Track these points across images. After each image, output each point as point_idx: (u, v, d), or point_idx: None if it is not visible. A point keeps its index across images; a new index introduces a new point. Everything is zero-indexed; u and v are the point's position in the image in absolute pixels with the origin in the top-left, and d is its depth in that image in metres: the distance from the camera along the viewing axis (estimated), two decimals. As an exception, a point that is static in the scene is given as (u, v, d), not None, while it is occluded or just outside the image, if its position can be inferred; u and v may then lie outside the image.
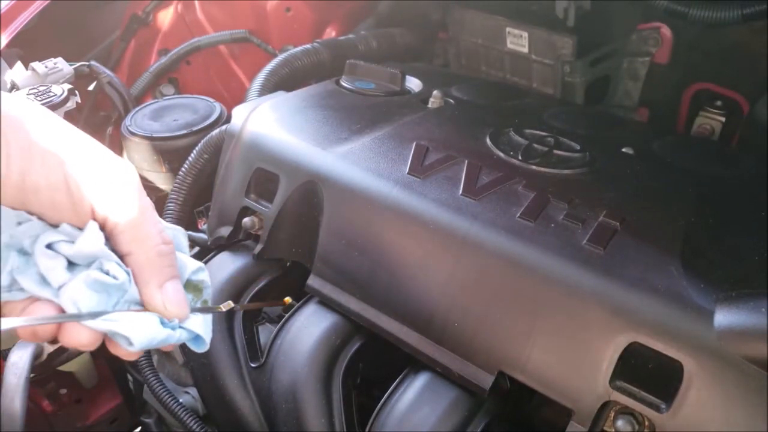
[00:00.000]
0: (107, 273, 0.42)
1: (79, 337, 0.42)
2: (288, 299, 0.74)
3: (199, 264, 0.49)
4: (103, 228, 0.43)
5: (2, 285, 0.41)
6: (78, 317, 0.41)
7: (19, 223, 0.41)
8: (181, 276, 0.47)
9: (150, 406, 0.91)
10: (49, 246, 0.41)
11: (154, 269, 0.44)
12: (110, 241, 0.43)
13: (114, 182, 0.43)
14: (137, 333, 0.42)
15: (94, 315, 0.41)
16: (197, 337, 0.47)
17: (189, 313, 0.46)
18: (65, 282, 0.41)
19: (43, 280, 0.42)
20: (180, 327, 0.45)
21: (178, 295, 0.45)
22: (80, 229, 0.42)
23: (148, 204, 0.45)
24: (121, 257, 0.43)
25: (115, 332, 0.42)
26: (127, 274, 0.43)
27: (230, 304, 0.53)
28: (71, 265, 0.42)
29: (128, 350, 0.43)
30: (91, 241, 0.41)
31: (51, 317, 0.41)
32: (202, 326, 0.47)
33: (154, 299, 0.44)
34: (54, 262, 0.41)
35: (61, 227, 0.42)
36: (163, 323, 0.44)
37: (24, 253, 0.42)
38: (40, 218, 0.42)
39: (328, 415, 0.65)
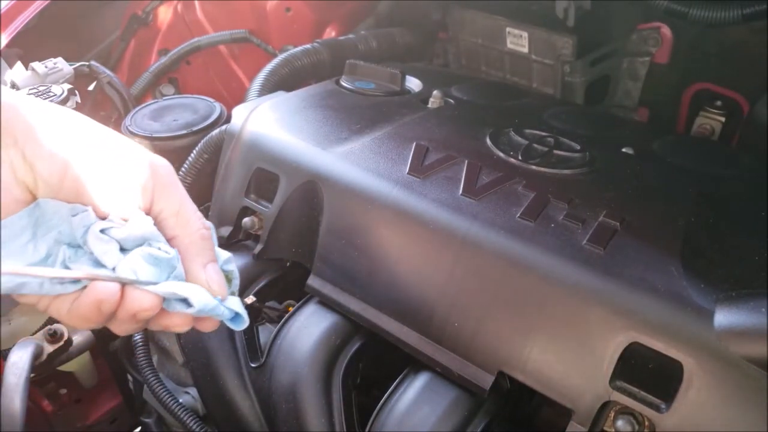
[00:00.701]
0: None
1: (141, 302, 0.43)
2: (290, 309, 0.75)
3: (228, 254, 0.51)
4: (148, 215, 0.46)
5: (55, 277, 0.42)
6: (139, 282, 0.43)
7: (74, 215, 0.43)
8: None
9: (150, 406, 0.91)
10: (101, 231, 0.44)
11: (198, 250, 0.47)
12: (155, 227, 0.46)
13: (157, 173, 0.46)
14: (196, 295, 0.45)
15: (152, 283, 0.44)
16: (236, 317, 0.50)
17: (227, 294, 0.49)
18: (118, 263, 0.44)
19: (98, 264, 0.44)
20: (222, 305, 0.48)
21: (219, 275, 0.48)
22: (125, 220, 0.45)
23: (186, 193, 0.48)
24: (167, 241, 0.46)
25: (177, 294, 0.44)
26: (175, 252, 0.46)
27: (253, 298, 0.55)
28: (122, 250, 0.45)
29: (186, 312, 0.46)
30: (142, 223, 0.44)
31: (115, 277, 0.43)
32: (239, 307, 0.50)
33: (199, 277, 0.47)
34: (108, 246, 0.43)
35: (110, 217, 0.44)
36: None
37: (73, 245, 0.44)
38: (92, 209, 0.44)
39: (328, 415, 0.65)
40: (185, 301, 0.45)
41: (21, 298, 0.44)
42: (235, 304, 0.50)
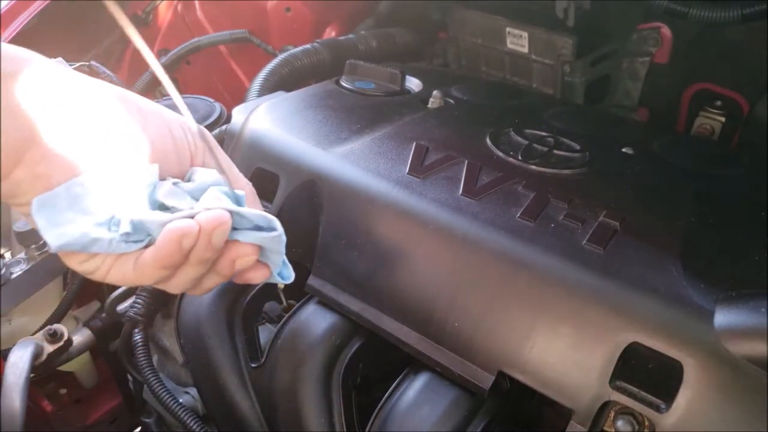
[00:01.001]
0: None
1: (218, 217, 0.45)
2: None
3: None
4: None
5: (122, 233, 0.44)
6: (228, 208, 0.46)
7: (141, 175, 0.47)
8: None
9: (150, 406, 0.91)
10: (173, 184, 0.48)
11: (251, 202, 0.53)
12: None
13: (204, 136, 0.51)
14: (275, 221, 0.48)
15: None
16: (282, 272, 0.54)
17: None
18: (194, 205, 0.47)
19: (175, 210, 0.46)
20: None
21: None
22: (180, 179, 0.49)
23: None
24: None
25: (262, 215, 0.48)
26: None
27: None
28: (192, 199, 0.48)
29: (267, 236, 0.48)
30: (209, 173, 0.49)
31: (194, 212, 0.46)
32: (286, 260, 0.54)
33: None
34: (180, 197, 0.47)
35: (169, 177, 0.49)
36: None
37: (136, 205, 0.46)
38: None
39: (328, 415, 0.65)
40: (261, 230, 0.48)
41: (83, 265, 0.46)
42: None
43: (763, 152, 0.83)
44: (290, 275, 0.55)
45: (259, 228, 0.49)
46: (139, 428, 1.07)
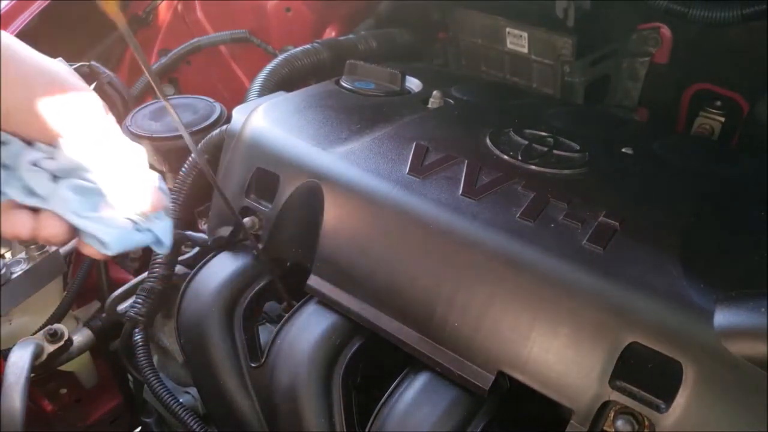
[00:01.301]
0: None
1: (53, 229, 0.47)
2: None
3: (158, 175, 0.54)
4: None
5: None
6: (70, 217, 0.47)
7: (4, 144, 0.46)
8: None
9: (150, 406, 0.91)
10: (33, 163, 0.47)
11: (141, 168, 0.50)
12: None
13: (79, 106, 0.48)
14: (113, 237, 0.48)
15: (81, 217, 0.47)
16: (158, 241, 0.53)
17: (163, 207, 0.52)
18: (50, 191, 0.47)
19: (30, 192, 0.47)
20: (148, 231, 0.51)
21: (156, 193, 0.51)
22: (53, 146, 0.47)
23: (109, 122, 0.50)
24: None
25: (93, 235, 0.48)
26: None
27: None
28: (54, 178, 0.47)
29: (102, 253, 0.49)
30: (69, 156, 0.47)
31: (50, 209, 0.46)
32: (166, 231, 0.53)
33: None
34: (39, 176, 0.46)
35: (37, 145, 0.47)
36: (137, 229, 0.51)
37: (6, 168, 0.46)
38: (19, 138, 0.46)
39: (328, 415, 0.65)
40: (103, 242, 0.49)
41: None
42: (163, 228, 0.52)
43: (763, 152, 0.83)
44: (163, 247, 0.53)
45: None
46: (139, 428, 1.07)
